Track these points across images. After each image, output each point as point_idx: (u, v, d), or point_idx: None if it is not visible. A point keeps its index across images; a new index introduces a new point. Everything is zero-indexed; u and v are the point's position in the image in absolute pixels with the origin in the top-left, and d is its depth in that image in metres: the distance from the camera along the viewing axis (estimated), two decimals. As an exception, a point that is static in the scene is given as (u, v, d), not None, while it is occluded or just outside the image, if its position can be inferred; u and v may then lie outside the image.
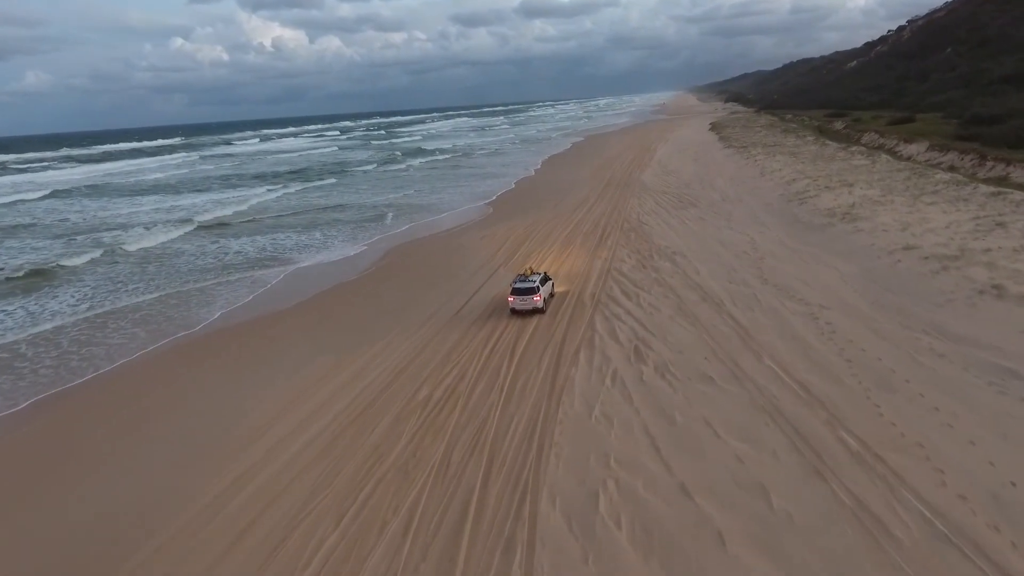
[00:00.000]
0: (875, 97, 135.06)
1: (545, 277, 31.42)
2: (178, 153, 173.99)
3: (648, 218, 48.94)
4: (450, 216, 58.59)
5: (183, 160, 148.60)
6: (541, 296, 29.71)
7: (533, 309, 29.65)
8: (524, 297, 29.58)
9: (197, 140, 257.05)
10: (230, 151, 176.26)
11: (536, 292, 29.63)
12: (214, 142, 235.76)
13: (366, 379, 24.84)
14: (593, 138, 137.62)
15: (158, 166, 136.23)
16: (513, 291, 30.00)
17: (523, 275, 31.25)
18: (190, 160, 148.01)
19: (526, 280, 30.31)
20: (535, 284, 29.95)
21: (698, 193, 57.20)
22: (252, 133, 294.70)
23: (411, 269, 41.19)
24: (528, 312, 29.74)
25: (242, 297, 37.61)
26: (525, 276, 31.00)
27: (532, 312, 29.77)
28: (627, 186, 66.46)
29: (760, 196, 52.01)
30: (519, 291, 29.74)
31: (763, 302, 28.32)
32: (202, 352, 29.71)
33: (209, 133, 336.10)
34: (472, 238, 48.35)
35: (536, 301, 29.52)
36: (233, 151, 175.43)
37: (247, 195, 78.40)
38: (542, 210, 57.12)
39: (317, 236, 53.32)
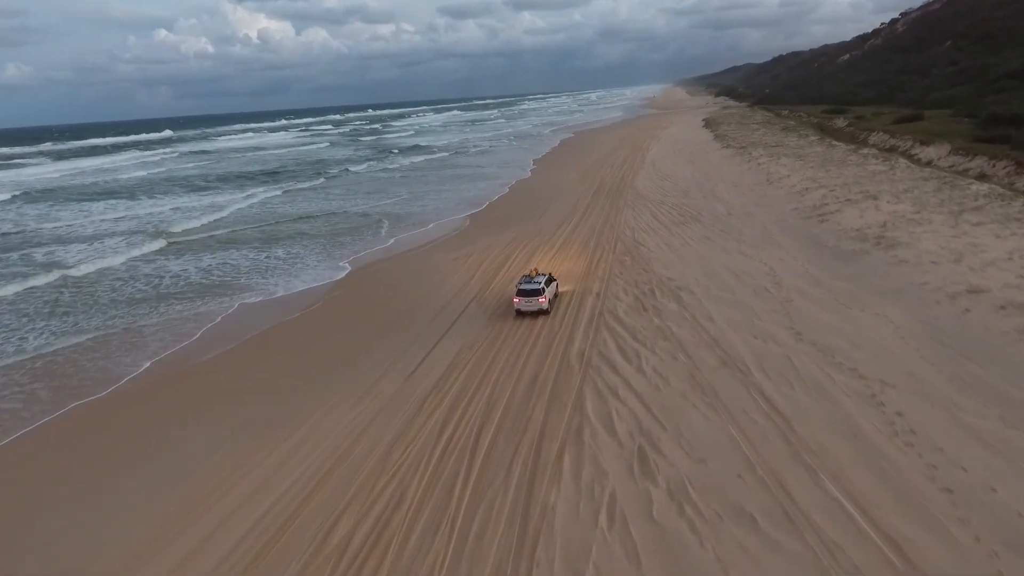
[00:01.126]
0: (872, 92, 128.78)
1: (550, 278, 30.72)
2: (157, 149, 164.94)
3: (645, 236, 41.92)
4: (425, 231, 51.20)
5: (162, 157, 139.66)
6: (546, 297, 29.20)
7: (538, 310, 29.09)
8: (529, 299, 29.00)
9: (179, 134, 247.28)
10: (212, 147, 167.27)
11: (541, 294, 29.06)
12: (196, 136, 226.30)
13: (273, 492, 17.78)
14: (582, 135, 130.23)
15: (136, 163, 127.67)
16: (518, 292, 29.33)
17: (528, 276, 30.56)
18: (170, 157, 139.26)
19: (531, 281, 29.66)
20: (540, 286, 29.36)
21: (699, 204, 50.20)
22: (240, 127, 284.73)
23: (371, 302, 34.02)
24: (533, 313, 29.08)
25: (168, 344, 30.23)
26: (530, 277, 30.23)
27: (537, 313, 29.12)
28: (619, 193, 59.38)
29: (771, 210, 45.07)
30: (524, 292, 29.14)
31: (802, 371, 21.41)
32: (77, 437, 22.49)
33: (193, 126, 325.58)
34: (445, 259, 41.17)
35: (541, 302, 28.98)
36: (215, 147, 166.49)
37: (219, 201, 70.55)
38: (526, 222, 49.98)
39: (279, 255, 45.81)
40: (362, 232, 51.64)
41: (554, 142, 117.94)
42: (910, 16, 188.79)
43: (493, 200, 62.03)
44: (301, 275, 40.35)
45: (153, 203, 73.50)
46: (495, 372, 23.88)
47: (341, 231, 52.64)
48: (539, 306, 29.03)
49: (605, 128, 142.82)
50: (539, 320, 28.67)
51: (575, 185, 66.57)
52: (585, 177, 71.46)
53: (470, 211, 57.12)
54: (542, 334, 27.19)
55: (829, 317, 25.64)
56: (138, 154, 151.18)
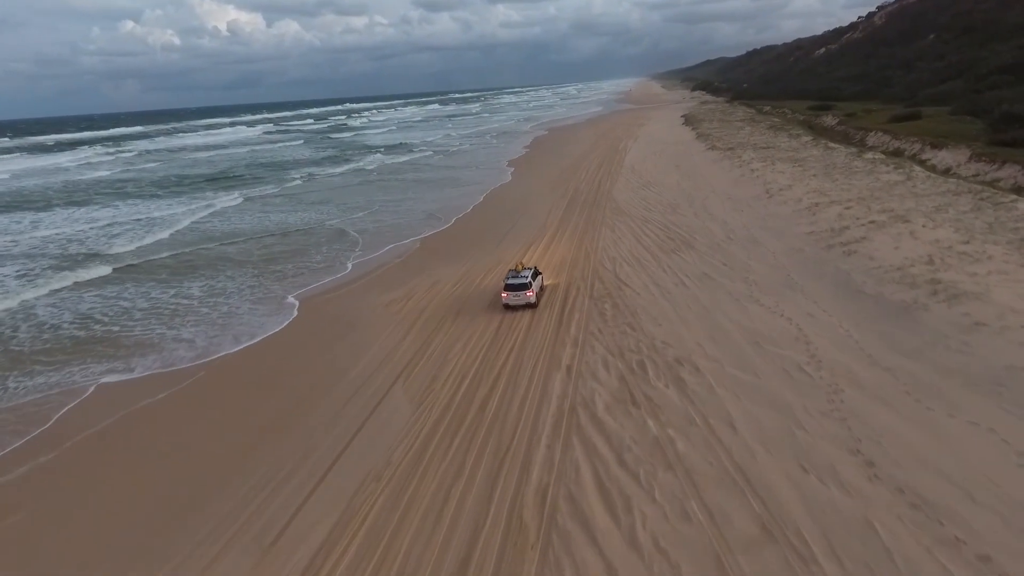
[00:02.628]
0: (857, 87, 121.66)
1: (536, 271, 30.39)
2: (115, 147, 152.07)
3: (628, 271, 33.09)
4: (371, 259, 41.94)
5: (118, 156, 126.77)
6: (534, 291, 28.95)
7: (526, 304, 28.85)
8: (517, 293, 28.76)
9: (143, 130, 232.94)
10: (176, 144, 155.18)
11: (529, 287, 28.76)
12: (159, 132, 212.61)
13: None
14: (557, 132, 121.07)
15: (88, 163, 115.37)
16: (506, 287, 29.03)
17: (514, 270, 29.99)
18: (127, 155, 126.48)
19: (518, 276, 29.34)
20: (527, 280, 29.02)
21: (691, 223, 41.51)
22: (207, 122, 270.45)
23: (256, 384, 24.77)
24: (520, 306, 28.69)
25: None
26: (516, 272, 29.74)
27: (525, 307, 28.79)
28: (596, 205, 50.55)
29: (780, 234, 36.50)
30: (512, 287, 28.86)
31: (901, 561, 12.77)
32: None
33: (161, 121, 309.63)
34: (379, 302, 31.97)
35: (529, 296, 28.76)
36: (180, 144, 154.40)
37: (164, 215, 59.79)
38: (486, 246, 40.98)
39: (192, 293, 36.23)
40: (299, 258, 41.98)
41: (527, 141, 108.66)
42: (888, 9, 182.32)
43: (454, 218, 52.77)
44: (193, 330, 30.83)
45: (90, 215, 62.89)
46: (406, 538, 14.92)
47: (278, 255, 42.98)
48: (527, 300, 28.73)
49: (579, 125, 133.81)
50: (484, 422, 19.72)
51: (546, 194, 57.59)
52: (558, 184, 62.51)
53: (426, 231, 47.83)
54: (488, 446, 18.28)
55: (906, 429, 17.03)
56: (91, 152, 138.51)
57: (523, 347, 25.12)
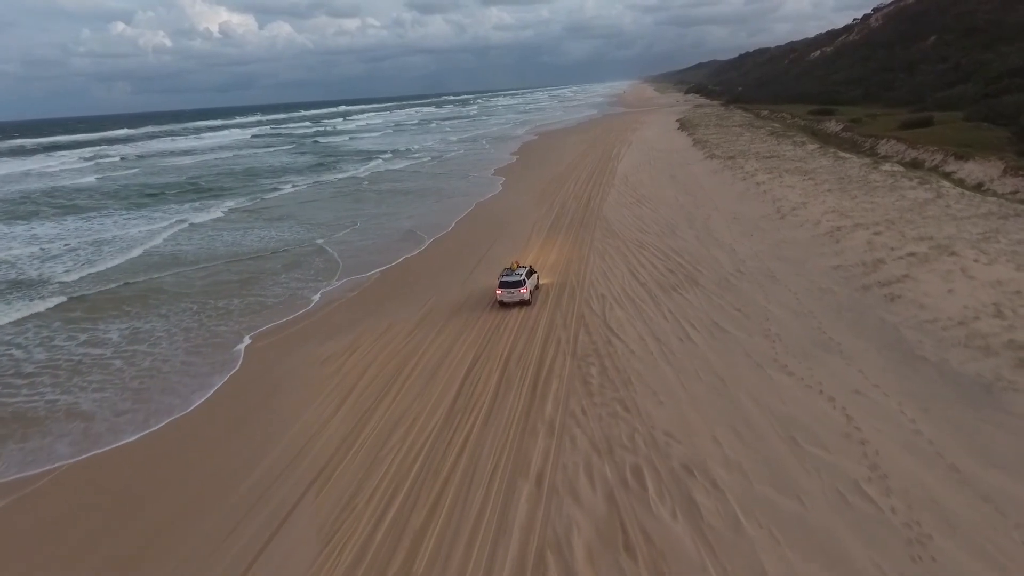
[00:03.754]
0: (857, 91, 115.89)
1: (531, 270, 30.34)
2: (94, 150, 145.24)
3: (620, 315, 26.87)
4: (317, 297, 35.69)
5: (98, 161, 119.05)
6: (527, 288, 28.76)
7: (520, 301, 28.66)
8: (511, 290, 28.58)
9: (130, 133, 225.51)
10: (160, 148, 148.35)
11: (523, 285, 28.65)
12: (145, 136, 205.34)
13: None
14: (547, 137, 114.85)
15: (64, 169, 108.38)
16: (500, 284, 28.95)
17: (509, 269, 30.11)
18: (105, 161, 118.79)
19: (512, 274, 29.35)
20: (521, 277, 28.95)
21: (693, 250, 35.31)
22: (198, 124, 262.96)
23: (82, 536, 18.53)
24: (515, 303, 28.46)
25: None
26: (511, 270, 29.85)
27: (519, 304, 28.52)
28: (584, 225, 44.35)
29: (800, 265, 30.31)
30: (506, 284, 28.79)
31: None
32: None
33: (147, 123, 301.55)
34: (313, 359, 25.69)
35: (523, 293, 28.56)
36: (165, 148, 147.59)
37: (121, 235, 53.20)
38: (453, 277, 34.76)
39: (103, 352, 30.00)
40: (249, 290, 35.56)
41: (516, 147, 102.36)
42: (883, 10, 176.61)
43: (430, 239, 46.50)
44: (95, 398, 24.46)
45: (29, 231, 56.29)
46: None
47: (228, 286, 36.58)
48: (521, 297, 28.71)
49: (571, 130, 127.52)
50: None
51: (530, 210, 51.37)
52: (544, 197, 56.31)
53: (396, 255, 41.56)
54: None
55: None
56: (67, 158, 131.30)
57: (483, 434, 18.87)
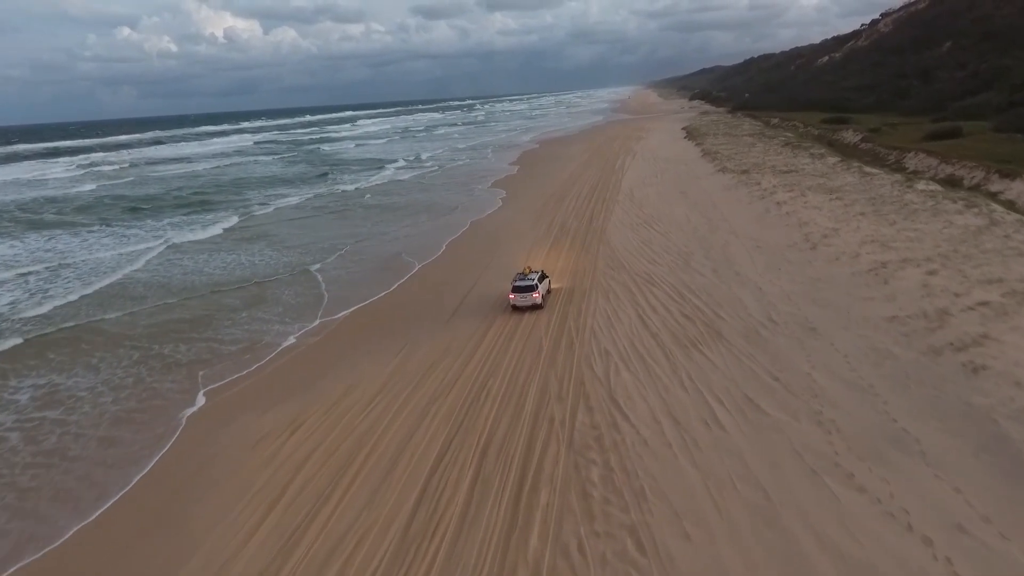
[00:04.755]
0: (869, 98, 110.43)
1: (543, 275, 30.66)
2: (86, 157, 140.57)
3: (628, 382, 21.47)
4: (272, 343, 30.46)
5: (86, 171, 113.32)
6: (539, 293, 29.10)
7: (532, 305, 28.96)
8: (524, 294, 28.94)
9: (131, 138, 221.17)
10: (156, 155, 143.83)
11: (535, 289, 29.00)
12: (146, 142, 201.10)
13: None
14: (548, 146, 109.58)
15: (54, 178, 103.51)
16: (513, 289, 29.27)
17: (522, 274, 30.47)
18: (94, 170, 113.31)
19: (525, 279, 29.69)
20: (534, 282, 29.29)
21: (712, 288, 29.87)
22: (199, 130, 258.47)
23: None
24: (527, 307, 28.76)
25: None
26: (524, 275, 30.20)
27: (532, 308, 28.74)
28: (584, 251, 39.04)
29: (844, 314, 24.83)
30: (519, 289, 29.12)
31: None
32: None
33: (152, 128, 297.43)
34: (248, 439, 20.43)
35: (535, 298, 28.94)
36: (162, 155, 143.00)
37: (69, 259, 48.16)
38: (433, 320, 29.48)
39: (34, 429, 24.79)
40: (203, 333, 30.36)
41: (515, 156, 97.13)
42: (893, 15, 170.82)
43: (418, 265, 41.30)
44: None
45: None
46: None
47: (179, 327, 31.36)
48: (533, 301, 28.96)
49: (573, 138, 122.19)
50: None
51: (527, 230, 46.09)
52: (542, 215, 51.03)
53: (373, 291, 36.34)
54: None
55: None
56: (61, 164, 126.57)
57: None
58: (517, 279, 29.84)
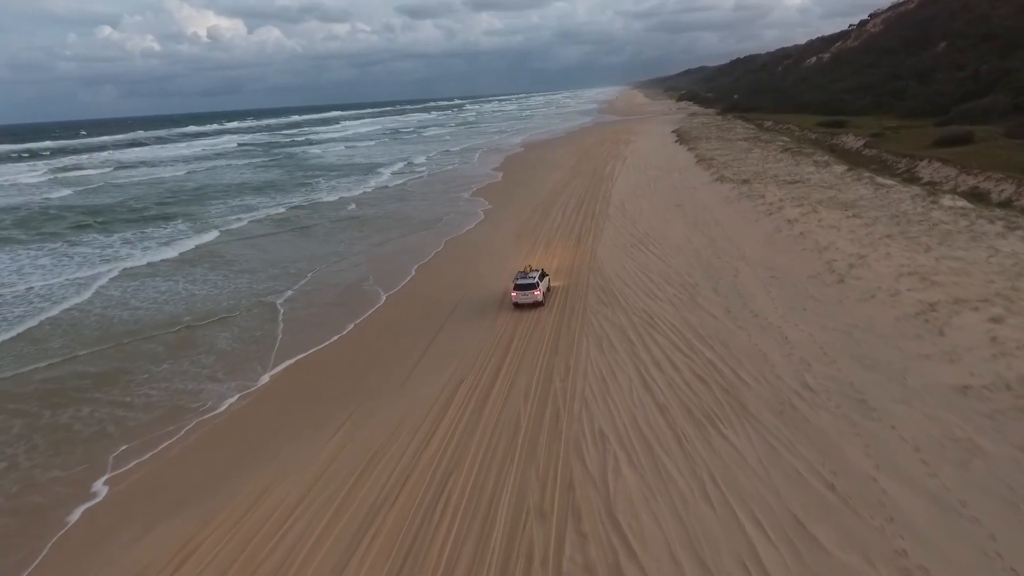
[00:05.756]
0: (865, 99, 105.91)
1: (543, 273, 31.14)
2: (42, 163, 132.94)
3: (631, 486, 15.94)
4: (187, 410, 24.72)
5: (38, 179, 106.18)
6: (541, 291, 29.66)
7: (534, 303, 29.50)
8: (525, 292, 29.50)
9: (101, 141, 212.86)
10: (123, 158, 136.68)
11: (536, 287, 29.56)
12: (116, 144, 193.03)
13: None
14: (533, 150, 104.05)
15: None
16: (515, 287, 29.85)
17: (523, 272, 30.99)
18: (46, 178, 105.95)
19: (526, 276, 30.23)
20: (535, 280, 29.85)
21: (728, 334, 24.40)
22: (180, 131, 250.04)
23: None
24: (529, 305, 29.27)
25: None
26: (525, 273, 30.72)
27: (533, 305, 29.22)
28: (573, 279, 33.55)
29: (899, 381, 19.44)
30: (521, 287, 29.70)
31: None
32: None
33: (131, 129, 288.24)
34: (118, 568, 14.79)
35: (536, 295, 29.46)
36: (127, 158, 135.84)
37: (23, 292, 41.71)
38: (388, 378, 23.89)
39: None
40: (111, 394, 24.62)
41: (500, 160, 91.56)
42: (882, 16, 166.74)
43: (384, 295, 35.63)
44: None
45: None
46: None
47: (76, 389, 25.57)
48: (535, 299, 29.39)
49: (558, 140, 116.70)
50: None
51: (508, 252, 40.57)
52: (525, 231, 45.57)
53: (326, 333, 30.66)
54: None
55: None
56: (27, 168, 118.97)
57: None
58: (519, 277, 30.51)
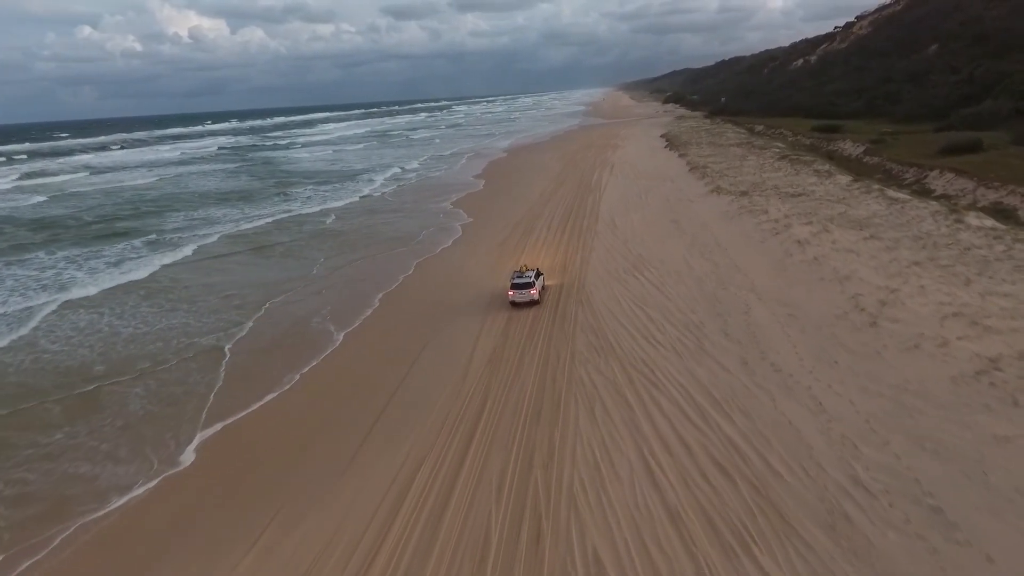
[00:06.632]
0: (856, 103, 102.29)
1: (538, 272, 31.28)
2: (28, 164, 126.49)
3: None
4: (73, 497, 19.63)
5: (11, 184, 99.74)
6: (536, 289, 29.84)
7: (530, 301, 29.70)
8: (522, 291, 29.66)
9: (77, 143, 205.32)
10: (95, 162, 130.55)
11: (532, 286, 29.76)
12: (87, 147, 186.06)
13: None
14: (517, 155, 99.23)
15: None
16: (512, 286, 29.99)
17: (519, 271, 31.23)
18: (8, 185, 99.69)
19: (523, 276, 30.44)
20: (531, 279, 30.04)
21: (747, 397, 19.75)
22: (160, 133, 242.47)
23: None
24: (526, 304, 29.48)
25: None
26: (521, 272, 31.02)
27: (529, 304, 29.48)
28: (559, 316, 28.79)
29: (981, 478, 14.88)
30: (518, 286, 29.83)
31: None
32: None
33: (108, 131, 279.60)
34: None
35: (532, 294, 29.67)
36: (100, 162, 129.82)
37: None
38: (332, 457, 18.97)
39: None
40: None
41: (481, 165, 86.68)
42: (869, 18, 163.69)
43: (341, 334, 30.62)
44: None
45: None
46: None
47: None
48: (531, 297, 29.65)
49: (544, 145, 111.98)
50: None
51: (483, 278, 35.71)
52: (505, 252, 40.78)
53: (269, 386, 25.65)
54: None
55: None
56: None
57: None
58: (515, 277, 30.66)
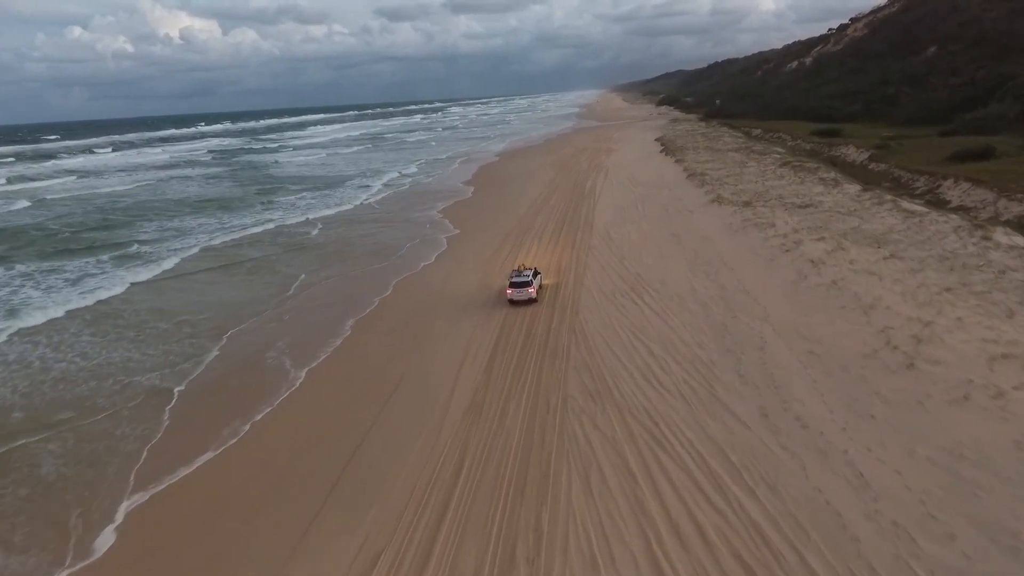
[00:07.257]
0: (854, 106, 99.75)
1: (535, 271, 31.50)
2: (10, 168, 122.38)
3: None
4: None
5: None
6: (535, 288, 30.06)
7: (528, 299, 29.83)
8: (520, 289, 29.78)
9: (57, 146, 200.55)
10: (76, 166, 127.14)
11: (530, 285, 29.93)
12: (72, 150, 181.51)
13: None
14: (510, 160, 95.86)
15: None
16: (511, 284, 30.10)
17: (517, 271, 31.39)
18: None
19: (521, 275, 30.58)
20: (529, 278, 30.20)
21: (768, 461, 16.38)
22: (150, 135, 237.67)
23: None
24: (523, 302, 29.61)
25: None
26: (519, 271, 31.15)
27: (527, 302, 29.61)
28: (548, 352, 25.43)
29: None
30: (516, 284, 29.95)
31: None
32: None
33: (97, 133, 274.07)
34: None
35: (531, 292, 29.86)
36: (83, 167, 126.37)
37: None
38: (266, 532, 15.52)
39: None
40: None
41: (471, 171, 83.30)
42: (864, 19, 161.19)
43: (303, 371, 27.17)
44: None
45: None
46: None
47: None
48: (529, 295, 29.79)
49: (537, 148, 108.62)
50: None
51: (468, 304, 32.34)
52: (492, 269, 37.40)
53: (220, 434, 22.19)
54: None
55: None
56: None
57: None
58: (513, 276, 30.73)
